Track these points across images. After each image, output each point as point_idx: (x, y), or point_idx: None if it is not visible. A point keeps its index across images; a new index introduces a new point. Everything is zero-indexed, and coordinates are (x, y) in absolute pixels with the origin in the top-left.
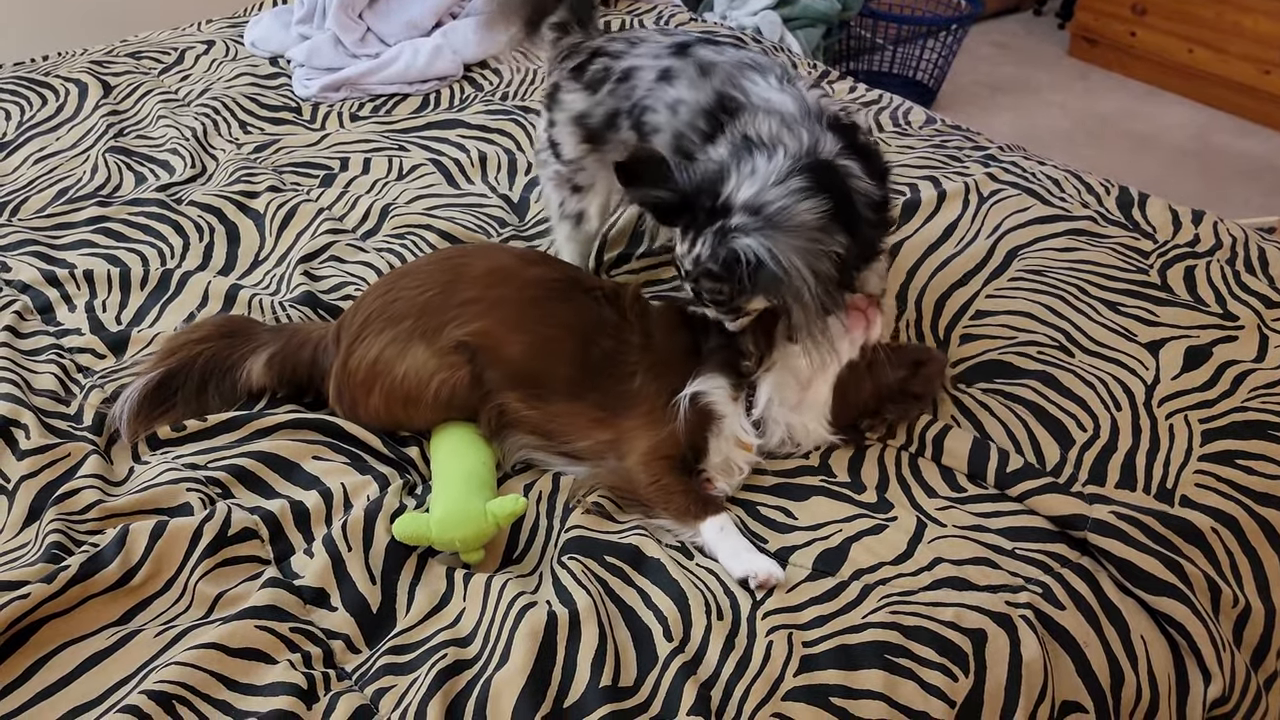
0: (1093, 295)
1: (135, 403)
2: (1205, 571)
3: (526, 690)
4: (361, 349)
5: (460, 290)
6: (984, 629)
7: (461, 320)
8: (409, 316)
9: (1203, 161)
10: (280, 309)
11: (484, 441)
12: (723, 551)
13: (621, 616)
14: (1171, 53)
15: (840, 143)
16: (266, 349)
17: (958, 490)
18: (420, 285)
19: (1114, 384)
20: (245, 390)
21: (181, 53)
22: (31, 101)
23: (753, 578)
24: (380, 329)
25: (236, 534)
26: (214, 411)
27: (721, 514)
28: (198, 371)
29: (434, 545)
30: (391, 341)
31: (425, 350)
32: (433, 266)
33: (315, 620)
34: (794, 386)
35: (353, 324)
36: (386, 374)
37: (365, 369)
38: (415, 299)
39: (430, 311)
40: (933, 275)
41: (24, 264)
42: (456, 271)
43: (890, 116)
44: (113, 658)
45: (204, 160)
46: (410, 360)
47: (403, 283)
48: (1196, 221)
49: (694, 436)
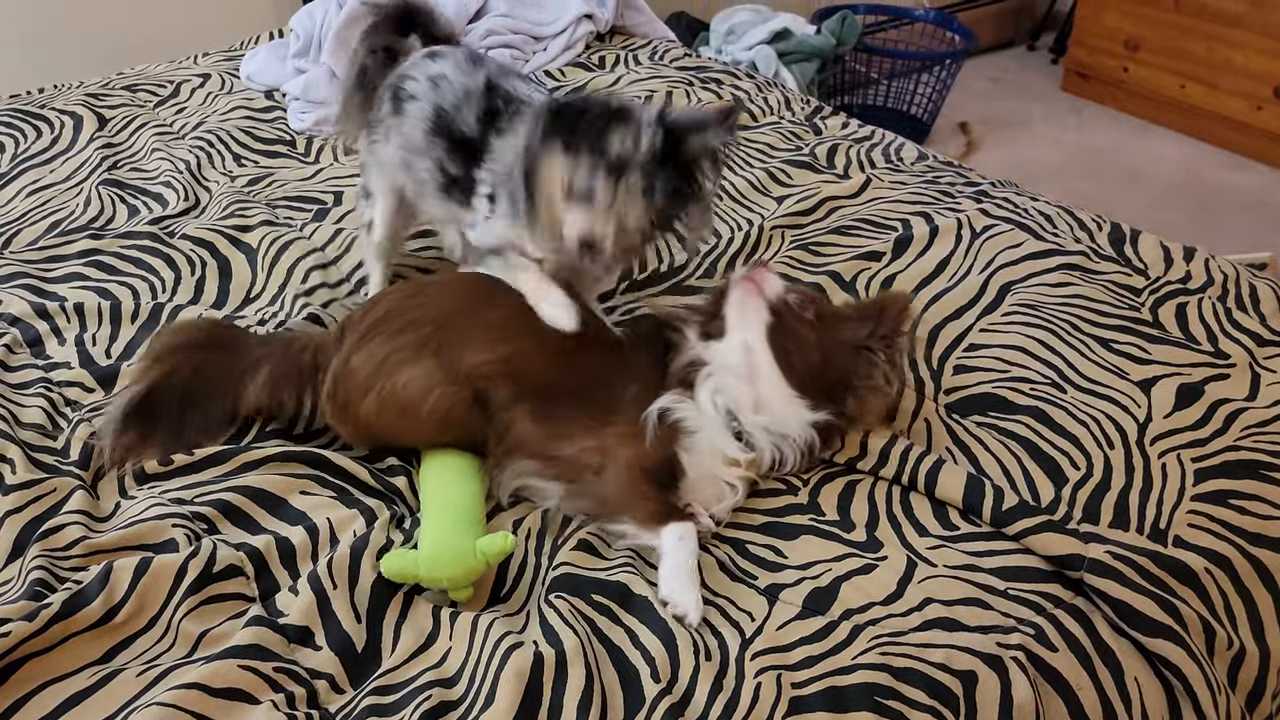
0: (1085, 331)
1: (119, 422)
2: (1199, 613)
3: None
4: (368, 349)
5: (486, 311)
6: (975, 671)
7: (483, 344)
8: (427, 324)
9: (1195, 196)
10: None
11: (474, 473)
12: (668, 563)
13: (609, 657)
14: (1164, 88)
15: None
16: (264, 366)
17: (950, 528)
18: (447, 296)
19: (1106, 422)
20: (233, 416)
21: (177, 85)
22: (26, 134)
23: (673, 605)
24: (394, 332)
25: (221, 571)
26: (194, 433)
27: (686, 523)
28: (180, 387)
29: (422, 583)
30: (402, 347)
31: (435, 364)
32: (460, 283)
33: (299, 659)
34: (739, 387)
35: (362, 322)
36: (388, 378)
37: (368, 369)
38: (438, 309)
39: (450, 325)
40: (926, 308)
41: (15, 297)
42: (486, 292)
43: (883, 153)
44: (94, 697)
45: (197, 193)
46: (417, 370)
47: (428, 290)
48: (1188, 258)
49: (666, 451)
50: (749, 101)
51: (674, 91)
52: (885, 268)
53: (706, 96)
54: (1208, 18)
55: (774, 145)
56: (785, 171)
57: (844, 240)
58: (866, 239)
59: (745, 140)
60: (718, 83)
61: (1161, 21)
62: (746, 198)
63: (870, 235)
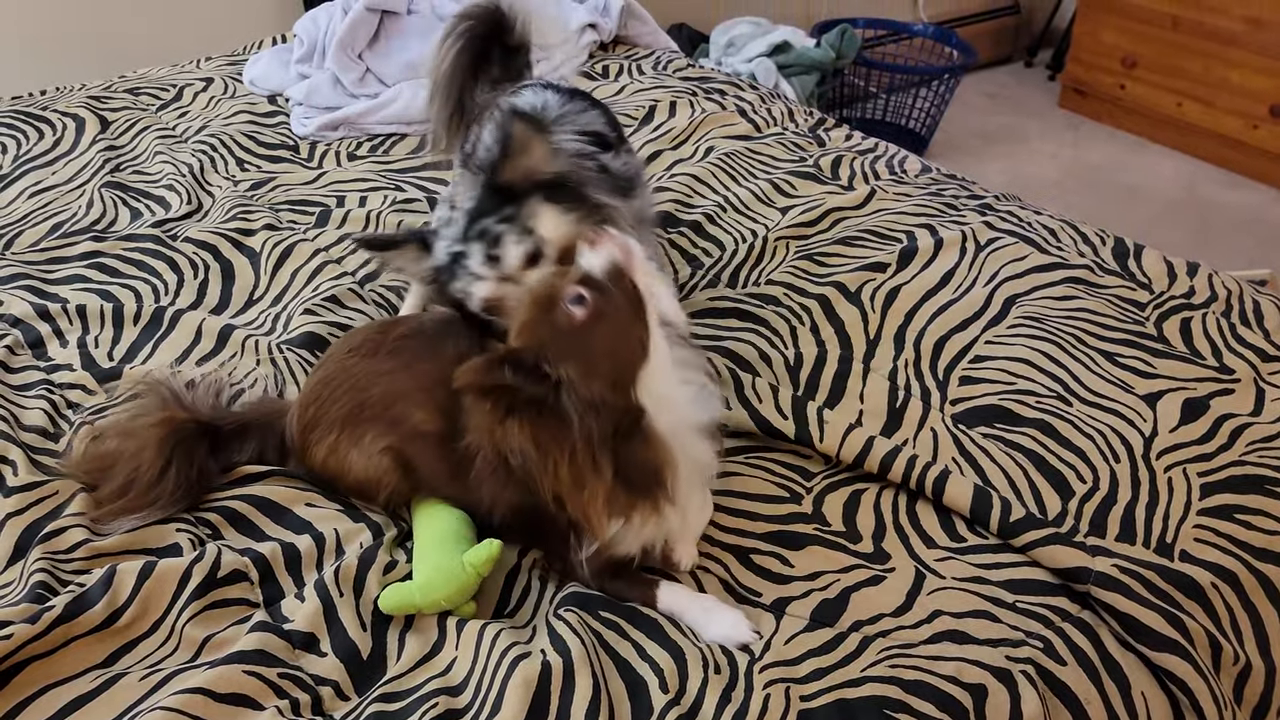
0: (1090, 345)
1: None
2: (1206, 627)
3: None
4: (313, 450)
5: (368, 399)
6: (984, 684)
7: (374, 434)
8: (336, 425)
9: (1192, 213)
10: (276, 351)
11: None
12: (691, 611)
13: (616, 668)
14: (1161, 105)
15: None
16: (249, 444)
17: (957, 540)
18: (343, 390)
19: (1112, 435)
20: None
21: (180, 89)
22: (29, 135)
23: (731, 640)
24: (321, 435)
25: (226, 576)
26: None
27: (664, 580)
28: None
29: (423, 610)
30: (331, 451)
31: (359, 455)
32: (342, 373)
33: (304, 666)
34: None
35: (302, 420)
36: (341, 475)
37: (322, 467)
38: (339, 407)
39: (351, 421)
40: (931, 320)
41: (16, 298)
42: (357, 381)
43: (886, 165)
44: (96, 701)
45: (200, 197)
46: (352, 463)
47: (332, 386)
48: (1192, 273)
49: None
50: (752, 112)
51: (677, 102)
52: (890, 279)
53: (710, 107)
54: (1205, 36)
55: (777, 157)
56: (789, 183)
57: (849, 251)
58: (871, 250)
59: (749, 151)
60: (721, 93)
61: (1159, 39)
62: (750, 208)
63: (875, 246)
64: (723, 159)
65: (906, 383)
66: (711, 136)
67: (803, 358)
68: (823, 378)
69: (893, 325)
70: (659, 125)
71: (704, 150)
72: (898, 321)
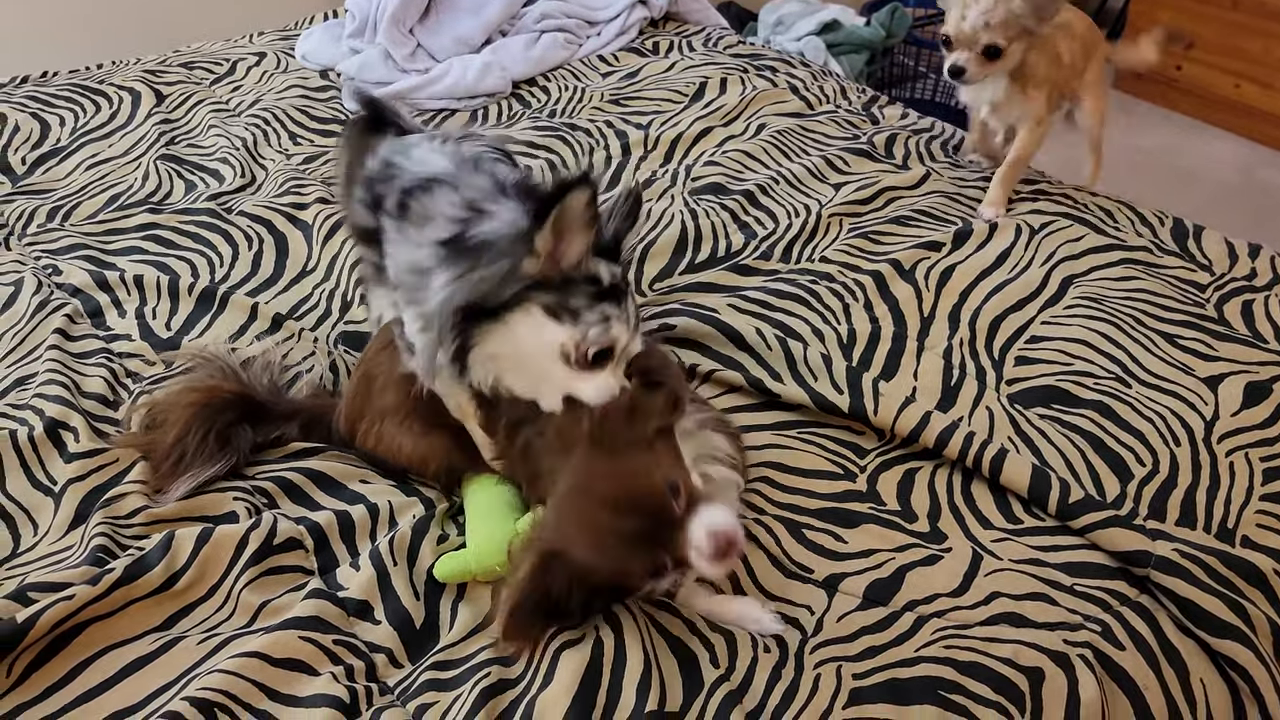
0: (1149, 326)
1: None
2: (1268, 614)
3: (572, 712)
4: (361, 439)
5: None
6: (1041, 667)
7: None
8: (382, 416)
9: (1248, 197)
10: (330, 346)
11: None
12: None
13: (667, 645)
14: (1217, 87)
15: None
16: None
17: (1013, 521)
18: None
19: (1172, 418)
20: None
21: (233, 64)
22: (85, 108)
23: (763, 627)
24: (369, 425)
25: (282, 543)
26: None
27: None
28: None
29: (478, 578)
30: (379, 439)
31: (409, 439)
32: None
33: (358, 633)
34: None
35: (349, 414)
36: (393, 456)
37: (373, 452)
38: (385, 399)
39: (395, 411)
40: (986, 299)
41: (75, 268)
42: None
43: (941, 146)
44: (155, 663)
45: (254, 170)
46: (402, 444)
47: (372, 381)
48: (1253, 255)
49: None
50: (804, 89)
51: (728, 78)
52: (945, 258)
53: (761, 84)
54: (1266, 15)
55: (830, 134)
56: (843, 159)
57: (903, 230)
58: (926, 230)
59: (802, 128)
60: (772, 70)
61: (1217, 19)
62: (803, 183)
63: (930, 227)
64: (775, 136)
65: (961, 361)
66: (763, 113)
67: (855, 334)
68: (876, 355)
69: (947, 304)
70: (709, 102)
71: (756, 127)
72: (952, 300)
